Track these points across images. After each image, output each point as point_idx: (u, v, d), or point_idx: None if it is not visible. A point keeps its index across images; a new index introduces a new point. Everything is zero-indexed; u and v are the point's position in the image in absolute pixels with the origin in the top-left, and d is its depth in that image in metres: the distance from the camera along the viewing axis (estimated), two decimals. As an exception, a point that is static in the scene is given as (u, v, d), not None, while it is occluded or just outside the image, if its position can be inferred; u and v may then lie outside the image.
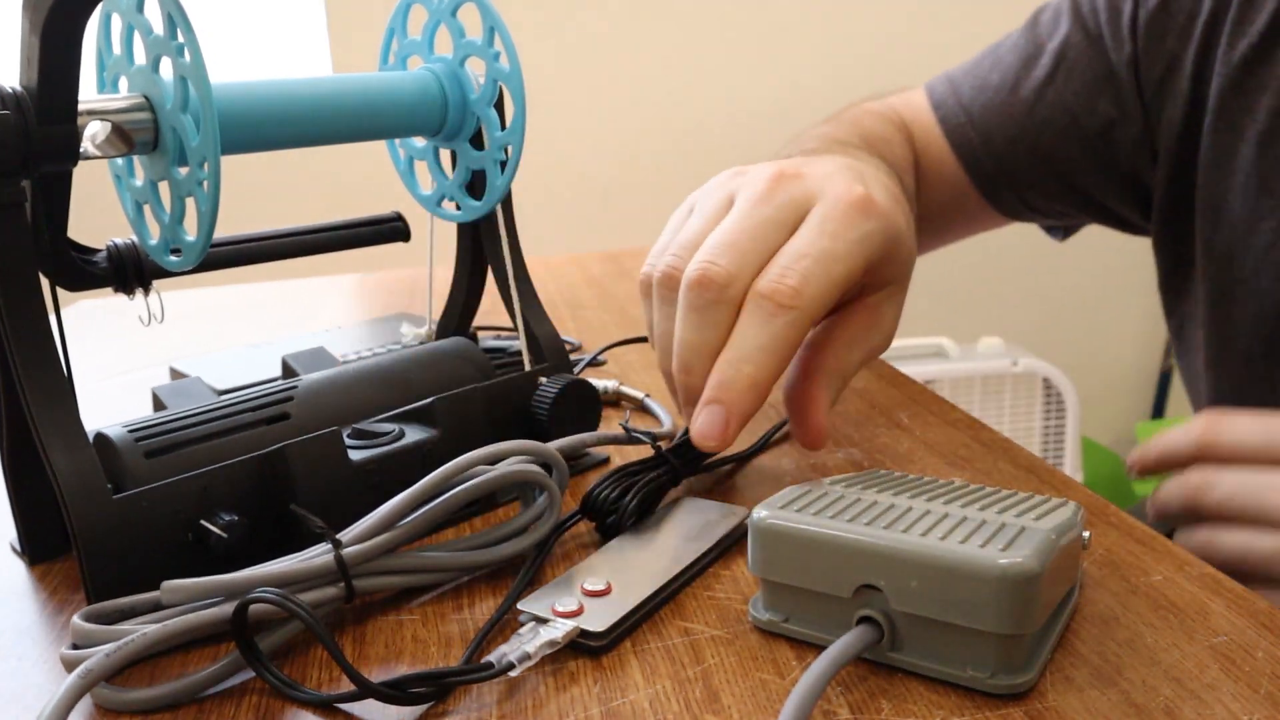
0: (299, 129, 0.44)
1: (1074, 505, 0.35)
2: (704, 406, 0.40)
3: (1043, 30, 0.70)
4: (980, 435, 0.51)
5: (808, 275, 0.40)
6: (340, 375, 0.46)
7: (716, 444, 0.39)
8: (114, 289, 0.48)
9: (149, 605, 0.35)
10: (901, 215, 0.45)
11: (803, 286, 0.39)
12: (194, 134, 0.38)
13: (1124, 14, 0.66)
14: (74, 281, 0.46)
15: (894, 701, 0.30)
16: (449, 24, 0.49)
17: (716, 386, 0.39)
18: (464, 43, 0.48)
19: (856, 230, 0.41)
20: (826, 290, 0.40)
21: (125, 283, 0.47)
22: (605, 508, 0.41)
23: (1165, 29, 0.63)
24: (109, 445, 0.39)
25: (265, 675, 0.32)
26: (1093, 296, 2.04)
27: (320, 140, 0.46)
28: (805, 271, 0.40)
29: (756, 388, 0.39)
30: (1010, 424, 1.77)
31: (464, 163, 0.50)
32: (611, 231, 1.91)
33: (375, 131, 0.47)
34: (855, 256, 0.41)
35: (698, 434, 0.40)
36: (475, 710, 0.31)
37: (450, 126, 0.49)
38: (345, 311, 0.91)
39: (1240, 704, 0.29)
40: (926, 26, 1.92)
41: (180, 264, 0.42)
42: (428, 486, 0.37)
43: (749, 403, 0.39)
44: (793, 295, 0.39)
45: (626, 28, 1.85)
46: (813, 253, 0.40)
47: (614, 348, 0.69)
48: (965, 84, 0.74)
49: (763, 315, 0.39)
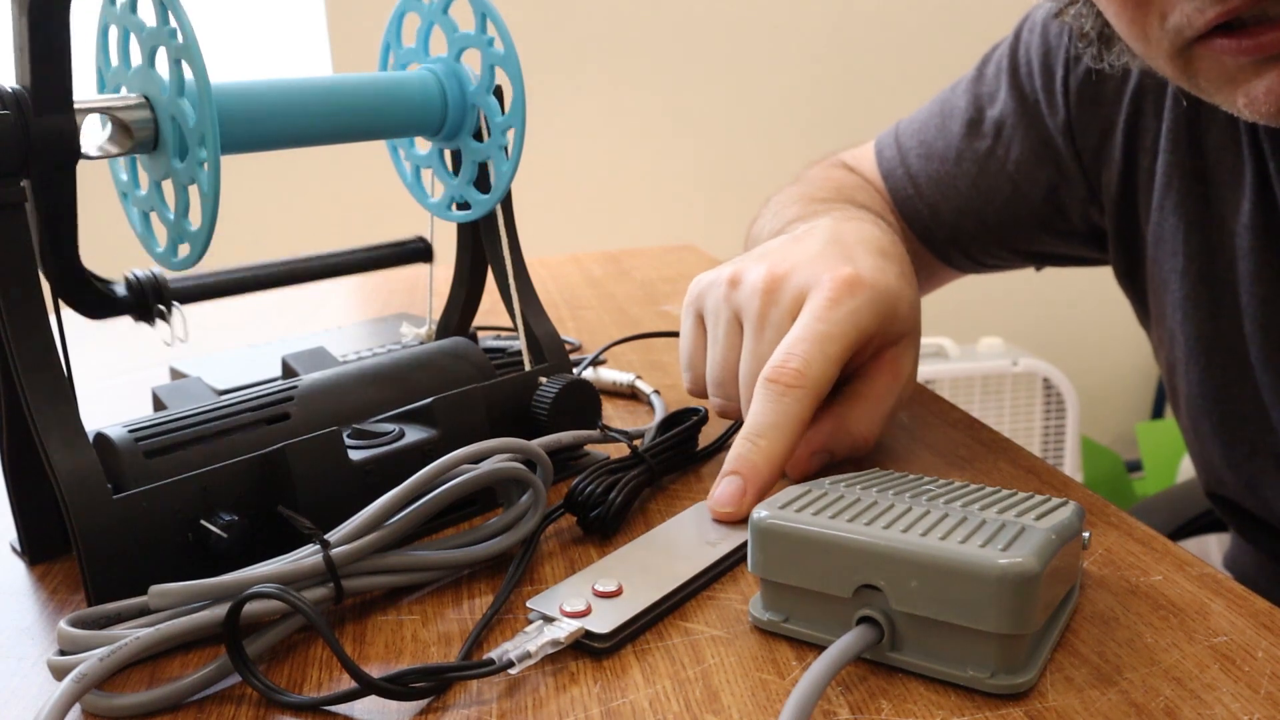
0: (299, 127, 0.44)
1: (1074, 505, 0.35)
2: (723, 478, 0.43)
3: (985, 90, 0.69)
4: (980, 435, 0.51)
5: (808, 358, 0.44)
6: (340, 375, 0.46)
7: (733, 512, 0.42)
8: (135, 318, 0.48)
9: (136, 610, 0.35)
10: (893, 275, 0.48)
11: (805, 368, 0.43)
12: (191, 115, 0.38)
13: (1057, 77, 0.64)
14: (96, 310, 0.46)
15: (894, 701, 0.30)
16: (442, 23, 0.49)
17: (734, 460, 0.43)
18: (458, 37, 0.48)
19: (846, 308, 0.45)
20: (826, 368, 0.44)
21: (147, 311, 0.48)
22: (589, 503, 0.42)
23: (1097, 94, 0.62)
24: (109, 445, 0.39)
25: (252, 681, 0.32)
26: (1093, 296, 2.04)
27: (321, 139, 0.46)
28: (805, 354, 0.44)
29: (771, 461, 0.43)
30: (1010, 424, 1.77)
31: (469, 158, 0.50)
32: (611, 231, 1.91)
33: (376, 130, 0.47)
34: (849, 333, 0.45)
35: (715, 502, 0.42)
36: (475, 708, 0.31)
37: (451, 123, 0.49)
38: (345, 311, 0.91)
39: (1240, 704, 0.29)
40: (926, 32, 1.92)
41: (187, 260, 0.42)
42: (413, 486, 0.37)
43: (765, 475, 0.42)
44: (796, 376, 0.43)
45: (627, 27, 1.85)
46: (808, 337, 0.44)
47: (614, 347, 0.69)
48: (912, 151, 0.73)
49: (772, 396, 0.43)
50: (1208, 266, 0.58)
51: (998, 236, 0.71)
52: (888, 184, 0.74)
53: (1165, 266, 0.60)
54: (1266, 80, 0.42)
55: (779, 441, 0.43)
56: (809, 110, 1.93)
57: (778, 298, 0.47)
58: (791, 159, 1.10)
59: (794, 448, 0.43)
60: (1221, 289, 0.57)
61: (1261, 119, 0.43)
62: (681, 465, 0.48)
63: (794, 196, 0.69)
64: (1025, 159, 0.66)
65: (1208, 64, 0.44)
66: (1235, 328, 0.57)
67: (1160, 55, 0.46)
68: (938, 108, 0.72)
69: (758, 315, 0.47)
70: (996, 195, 0.69)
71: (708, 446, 0.50)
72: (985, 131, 0.68)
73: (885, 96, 1.91)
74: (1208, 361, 0.59)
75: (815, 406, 0.44)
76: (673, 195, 1.94)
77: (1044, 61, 0.65)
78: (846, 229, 0.51)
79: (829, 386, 0.44)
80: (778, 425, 0.43)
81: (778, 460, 0.43)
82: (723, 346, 0.49)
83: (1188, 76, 0.45)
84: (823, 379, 0.44)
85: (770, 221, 0.67)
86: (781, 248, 0.50)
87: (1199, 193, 0.58)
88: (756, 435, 0.43)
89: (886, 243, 0.51)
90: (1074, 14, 0.53)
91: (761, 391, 0.44)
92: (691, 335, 0.52)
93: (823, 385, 0.44)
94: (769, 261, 0.49)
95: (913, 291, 0.49)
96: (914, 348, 0.49)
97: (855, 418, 0.47)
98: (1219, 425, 0.60)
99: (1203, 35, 0.43)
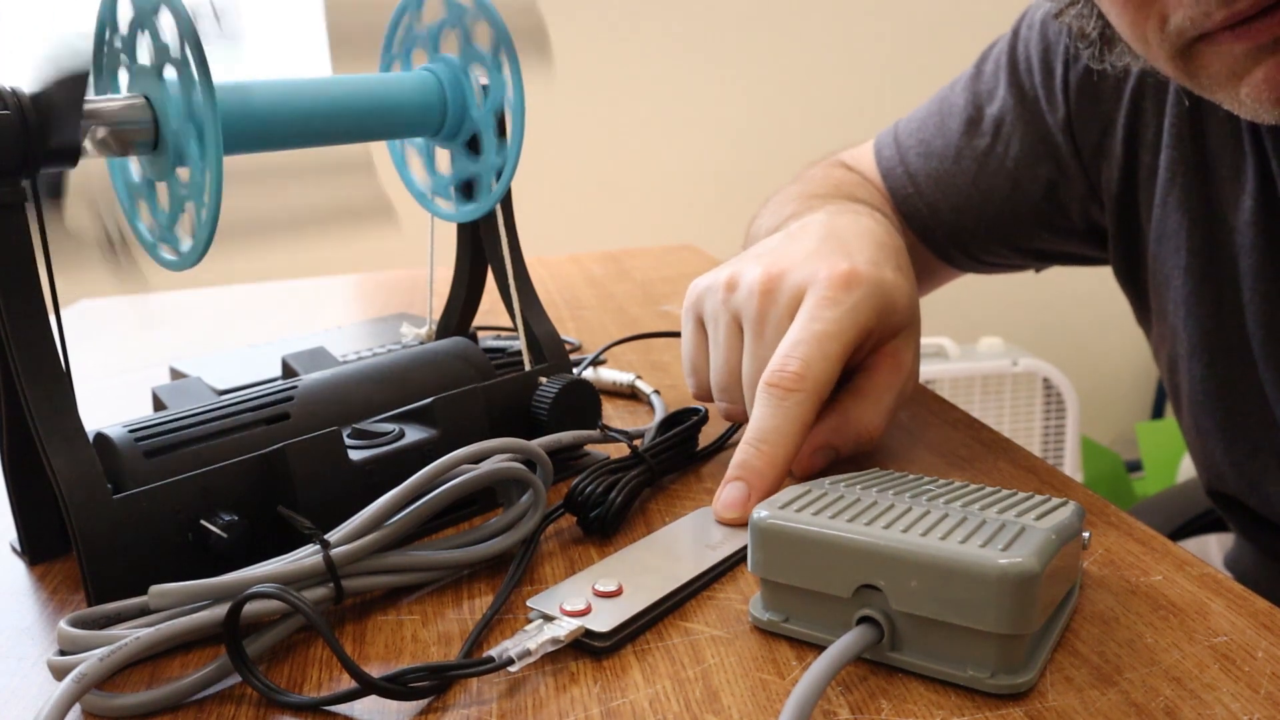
0: (297, 129, 0.44)
1: (1074, 505, 0.35)
2: (727, 483, 0.43)
3: (984, 88, 0.69)
4: (980, 435, 0.51)
5: (808, 359, 0.44)
6: (340, 375, 0.46)
7: (737, 516, 0.42)
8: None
9: (135, 610, 0.35)
10: (890, 268, 0.48)
11: (805, 370, 0.43)
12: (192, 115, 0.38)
13: (1056, 74, 0.64)
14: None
15: (894, 701, 0.30)
16: (461, 27, 0.49)
17: (738, 466, 0.43)
18: (471, 49, 0.48)
19: (844, 305, 0.45)
20: (826, 368, 0.44)
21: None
22: (589, 503, 0.42)
23: (1097, 91, 0.62)
24: (109, 445, 0.39)
25: (252, 681, 0.32)
26: (1093, 296, 2.04)
27: (318, 141, 0.45)
28: (805, 356, 0.44)
29: (775, 465, 0.43)
30: (1010, 424, 1.77)
31: (458, 165, 0.50)
32: (611, 231, 1.91)
33: (376, 131, 0.47)
34: (847, 331, 0.45)
35: (721, 504, 0.42)
36: (475, 708, 0.31)
37: (448, 129, 0.49)
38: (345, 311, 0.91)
39: (1240, 704, 0.29)
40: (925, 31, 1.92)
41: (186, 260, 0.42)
42: (413, 486, 0.37)
43: (768, 479, 0.42)
44: (796, 380, 0.43)
45: (627, 27, 1.85)
46: (807, 338, 0.44)
47: (614, 347, 0.69)
48: (911, 149, 0.73)
49: (774, 401, 0.43)
50: (1210, 263, 0.58)
51: (997, 234, 0.71)
52: (887, 183, 0.74)
53: (1167, 263, 0.60)
54: (1265, 68, 0.42)
55: (781, 445, 0.43)
56: (809, 110, 1.93)
57: (775, 298, 0.47)
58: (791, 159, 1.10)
59: (797, 450, 0.43)
60: (1224, 285, 0.57)
61: (1264, 108, 0.43)
62: (681, 465, 0.48)
63: (792, 195, 0.69)
64: (1024, 156, 0.66)
65: (1209, 59, 0.44)
66: (1238, 324, 0.57)
67: (1161, 56, 0.45)
68: (936, 106, 0.72)
69: (756, 316, 0.47)
70: (996, 193, 0.68)
71: (708, 446, 0.50)
72: (984, 129, 0.68)
73: (885, 95, 1.91)
74: (1210, 358, 0.59)
75: (817, 407, 0.44)
76: (673, 195, 1.94)
77: (1043, 58, 0.65)
78: (841, 223, 0.51)
79: (830, 386, 0.44)
80: (779, 429, 0.43)
81: (781, 464, 0.43)
82: (724, 350, 0.49)
83: (1189, 75, 0.45)
84: (823, 379, 0.44)
85: (768, 220, 0.67)
86: (777, 246, 0.50)
87: (1201, 189, 0.58)
88: (759, 440, 0.43)
89: (882, 234, 0.51)
90: (1074, 15, 0.52)
91: (762, 396, 0.44)
92: (693, 340, 0.52)
93: (824, 386, 0.44)
94: (765, 261, 0.49)
95: (910, 284, 0.49)
96: (914, 340, 0.49)
97: (859, 413, 0.47)
98: (1221, 422, 0.60)
99: (1206, 33, 0.43)
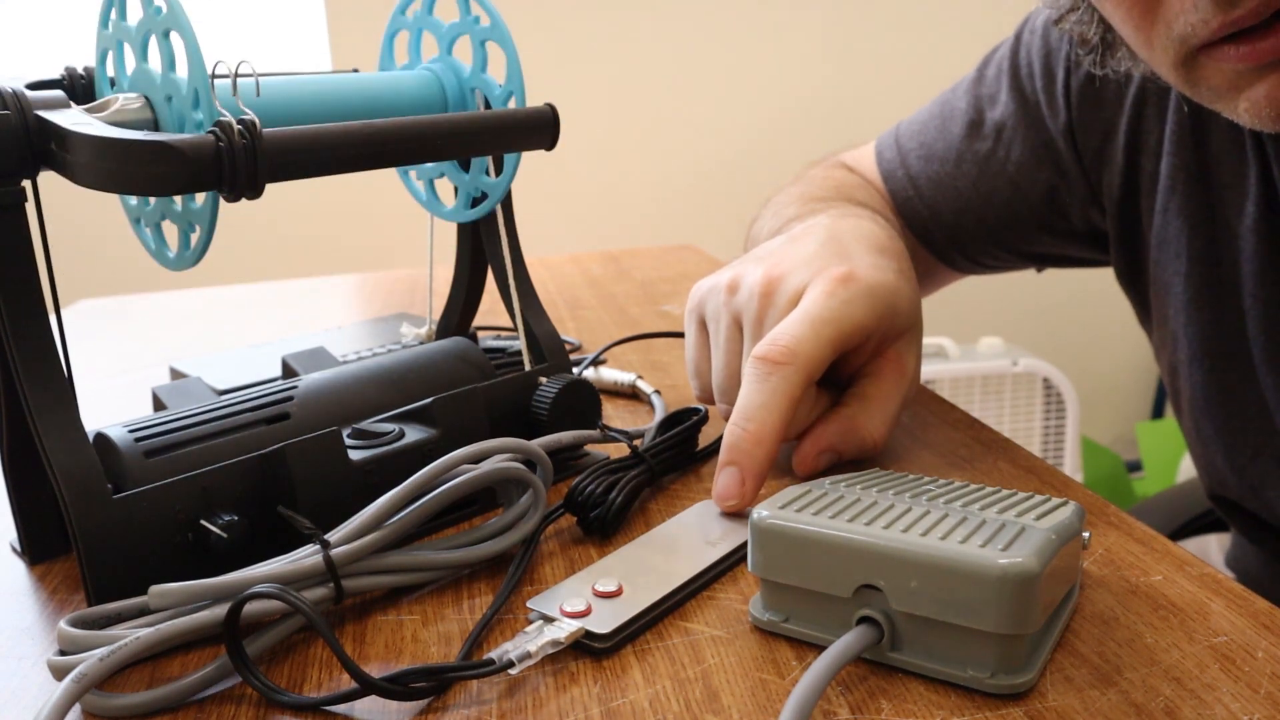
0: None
1: (1074, 505, 0.35)
2: (720, 470, 0.42)
3: (986, 92, 0.69)
4: (980, 435, 0.51)
5: (799, 336, 0.43)
6: (340, 375, 0.46)
7: (736, 502, 0.42)
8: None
9: (135, 610, 0.35)
10: (891, 271, 0.48)
11: (794, 345, 0.43)
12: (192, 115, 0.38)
13: (1058, 79, 0.64)
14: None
15: (894, 701, 0.30)
16: (429, 25, 0.49)
17: (728, 450, 0.42)
18: (446, 30, 0.48)
19: (840, 298, 0.45)
20: (818, 347, 0.43)
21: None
22: (589, 503, 0.42)
23: (1099, 97, 0.62)
24: (109, 445, 0.39)
25: (252, 681, 0.32)
26: (1093, 296, 2.04)
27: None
28: (795, 333, 0.43)
29: (761, 443, 0.42)
30: (1010, 424, 1.77)
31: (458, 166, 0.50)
32: (611, 231, 1.91)
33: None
34: (842, 319, 0.44)
35: (717, 496, 0.42)
36: (475, 709, 0.31)
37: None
38: (345, 311, 0.91)
39: (1240, 704, 0.29)
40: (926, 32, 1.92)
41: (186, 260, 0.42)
42: (413, 486, 0.37)
43: (759, 460, 0.42)
44: (785, 353, 0.43)
45: (627, 28, 1.85)
46: (800, 318, 0.44)
47: (614, 347, 0.69)
48: (912, 152, 0.73)
49: (760, 375, 0.43)
50: (1211, 269, 0.58)
51: (998, 238, 0.71)
52: (888, 185, 0.74)
53: (1168, 269, 0.60)
54: (1267, 84, 0.42)
55: (767, 422, 0.42)
56: (809, 110, 1.93)
57: (775, 299, 0.47)
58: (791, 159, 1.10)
59: (786, 426, 0.43)
60: (1225, 291, 0.57)
61: (1262, 124, 0.43)
62: (682, 465, 0.48)
63: (793, 196, 0.69)
64: (1026, 161, 0.66)
65: (1211, 71, 0.44)
66: (1239, 330, 0.57)
67: (1164, 63, 0.45)
68: (938, 109, 0.72)
69: (756, 318, 0.47)
70: (997, 197, 0.68)
71: (708, 446, 0.50)
72: (986, 133, 0.68)
73: (886, 97, 1.91)
74: (1211, 364, 0.59)
75: (805, 385, 0.43)
76: (673, 195, 1.94)
77: (1045, 63, 0.65)
78: (843, 226, 0.51)
79: (821, 368, 0.44)
80: (765, 405, 0.42)
81: (769, 441, 0.42)
82: (724, 352, 0.49)
83: (1190, 84, 0.45)
84: (814, 359, 0.43)
85: (769, 221, 0.67)
86: (778, 249, 0.51)
87: (1202, 195, 0.58)
88: (745, 419, 0.42)
89: (884, 239, 0.51)
90: (1075, 20, 0.52)
91: (749, 371, 0.43)
92: (696, 342, 0.52)
93: (813, 365, 0.43)
94: (766, 264, 0.49)
95: (911, 287, 0.49)
96: (916, 344, 0.49)
97: (864, 419, 0.47)
98: (1222, 428, 0.60)
99: (1207, 44, 0.43)
